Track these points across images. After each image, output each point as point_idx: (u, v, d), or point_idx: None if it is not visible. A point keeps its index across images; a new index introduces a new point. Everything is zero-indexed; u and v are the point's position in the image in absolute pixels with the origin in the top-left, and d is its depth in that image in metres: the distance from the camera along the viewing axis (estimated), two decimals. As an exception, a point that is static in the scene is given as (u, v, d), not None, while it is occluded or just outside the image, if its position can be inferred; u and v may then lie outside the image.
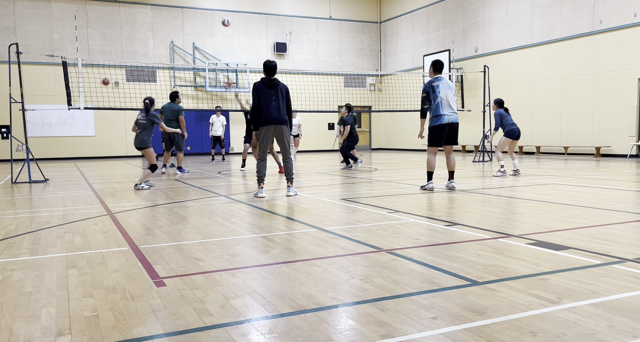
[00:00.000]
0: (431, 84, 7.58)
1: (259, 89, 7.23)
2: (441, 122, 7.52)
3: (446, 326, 2.35)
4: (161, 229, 4.97)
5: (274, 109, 7.24)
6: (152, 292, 2.95)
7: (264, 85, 7.25)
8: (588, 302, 2.63)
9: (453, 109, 7.60)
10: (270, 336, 2.29)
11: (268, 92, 7.23)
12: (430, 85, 7.59)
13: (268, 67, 7.34)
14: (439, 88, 7.53)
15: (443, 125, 7.54)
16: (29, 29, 19.64)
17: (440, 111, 7.51)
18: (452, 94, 7.63)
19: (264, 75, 7.38)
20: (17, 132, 16.89)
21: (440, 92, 7.52)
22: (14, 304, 2.80)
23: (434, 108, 7.56)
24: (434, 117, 7.58)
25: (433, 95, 7.55)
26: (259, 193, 7.28)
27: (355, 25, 25.29)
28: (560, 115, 17.15)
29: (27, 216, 6.01)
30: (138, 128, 8.92)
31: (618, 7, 15.31)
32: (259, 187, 7.34)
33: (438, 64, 7.73)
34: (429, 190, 7.68)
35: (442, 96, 7.53)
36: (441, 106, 7.51)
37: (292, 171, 7.52)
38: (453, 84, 7.75)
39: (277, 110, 7.25)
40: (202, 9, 22.22)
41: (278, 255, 3.81)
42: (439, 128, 7.57)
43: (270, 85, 7.27)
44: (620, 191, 7.43)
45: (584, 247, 3.83)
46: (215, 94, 22.63)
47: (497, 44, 19.44)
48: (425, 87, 7.63)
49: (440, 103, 7.51)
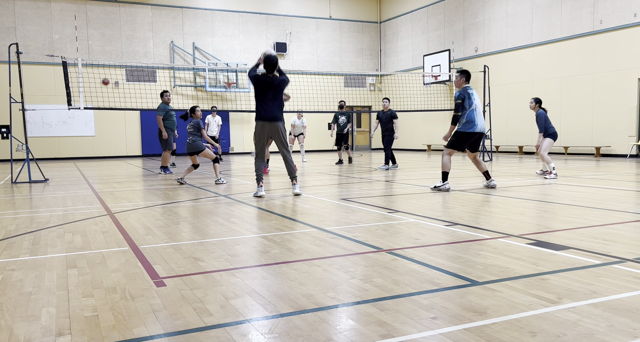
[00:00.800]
0: (467, 91, 7.61)
1: (256, 84, 7.22)
2: (474, 130, 7.54)
3: (446, 326, 2.35)
4: (161, 229, 4.97)
5: (269, 106, 7.20)
6: (152, 292, 2.95)
7: (261, 82, 7.20)
8: (588, 302, 2.63)
9: (483, 119, 7.70)
10: (270, 336, 2.29)
11: (265, 89, 7.19)
12: (466, 92, 7.60)
13: (267, 64, 7.19)
14: (474, 96, 7.60)
15: (475, 132, 7.57)
16: (29, 29, 19.63)
17: (474, 119, 7.53)
18: (481, 105, 7.66)
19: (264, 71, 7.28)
20: (17, 132, 16.89)
21: (475, 99, 7.59)
22: (14, 304, 2.80)
23: (468, 114, 7.55)
24: (468, 123, 7.55)
25: (468, 102, 7.56)
26: (258, 192, 7.25)
27: (355, 25, 25.29)
28: (560, 115, 17.15)
29: (27, 216, 6.01)
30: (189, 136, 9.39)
31: (618, 7, 15.31)
32: (258, 185, 7.31)
33: (468, 74, 7.79)
34: (445, 191, 7.63)
35: (477, 104, 7.58)
36: (476, 114, 7.55)
37: (294, 169, 7.46)
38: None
39: (271, 108, 7.21)
40: (202, 9, 22.22)
41: (278, 255, 3.81)
42: (470, 135, 7.58)
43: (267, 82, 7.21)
44: (620, 190, 7.43)
45: (584, 247, 3.83)
46: (215, 94, 22.63)
47: (497, 44, 19.44)
48: (460, 92, 7.61)
49: (475, 110, 7.55)
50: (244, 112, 21.80)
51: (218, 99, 22.69)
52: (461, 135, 7.60)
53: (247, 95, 23.04)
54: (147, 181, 10.39)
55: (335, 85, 24.06)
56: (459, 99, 7.57)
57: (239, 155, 21.39)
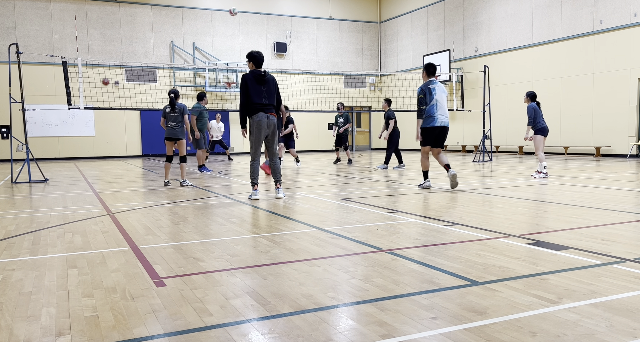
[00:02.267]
0: (427, 86, 7.73)
1: (249, 85, 6.83)
2: (434, 124, 7.70)
3: (446, 326, 2.35)
4: (161, 229, 4.97)
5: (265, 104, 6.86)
6: (152, 292, 2.95)
7: (254, 81, 6.85)
8: (588, 302, 2.63)
9: (445, 113, 7.76)
10: (270, 336, 2.29)
11: (258, 87, 6.84)
12: (427, 87, 7.73)
13: (257, 59, 6.88)
14: (435, 91, 7.70)
15: (435, 127, 7.71)
16: (29, 29, 19.63)
17: (434, 113, 7.68)
18: (445, 98, 7.80)
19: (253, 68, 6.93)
20: (17, 132, 16.89)
21: (436, 94, 7.68)
22: (14, 304, 2.80)
23: (428, 109, 7.71)
24: (428, 118, 7.72)
25: (429, 97, 7.69)
26: (253, 195, 6.99)
27: (355, 25, 25.29)
28: (560, 115, 17.15)
29: (27, 216, 6.01)
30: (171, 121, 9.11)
31: (618, 7, 15.31)
32: (253, 189, 7.02)
33: (431, 67, 7.87)
34: (426, 188, 7.85)
35: (438, 98, 7.69)
36: (436, 108, 7.68)
37: (279, 172, 7.21)
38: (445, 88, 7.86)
39: (268, 106, 6.89)
40: (202, 9, 22.22)
41: (278, 255, 3.81)
42: (431, 129, 7.74)
43: (260, 80, 6.86)
44: (620, 190, 7.43)
45: (584, 247, 3.83)
46: (215, 94, 22.63)
47: (497, 44, 19.44)
48: (422, 88, 7.74)
49: (435, 105, 7.68)
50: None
51: (218, 99, 22.69)
52: (425, 131, 7.79)
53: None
54: (147, 181, 10.39)
55: (335, 86, 24.06)
56: (420, 93, 7.72)
57: (239, 156, 21.39)
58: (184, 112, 9.19)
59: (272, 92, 6.98)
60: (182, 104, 9.25)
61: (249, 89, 6.84)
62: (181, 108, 9.17)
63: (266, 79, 6.92)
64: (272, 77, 7.01)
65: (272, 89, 6.98)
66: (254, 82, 6.87)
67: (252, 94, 6.84)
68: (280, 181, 7.25)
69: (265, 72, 6.92)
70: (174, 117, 9.16)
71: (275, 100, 7.01)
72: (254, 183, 7.05)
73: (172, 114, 9.17)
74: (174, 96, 9.21)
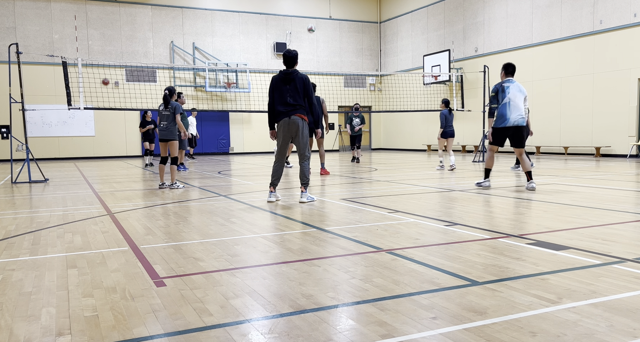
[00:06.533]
0: (502, 85, 7.59)
1: (274, 86, 6.75)
2: (505, 124, 7.52)
3: (446, 326, 2.35)
4: (161, 229, 4.97)
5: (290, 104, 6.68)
6: (152, 292, 2.95)
7: (279, 81, 6.73)
8: (588, 302, 2.63)
9: (520, 113, 7.53)
10: (270, 336, 2.29)
11: (284, 87, 6.69)
12: (500, 85, 7.59)
13: (285, 58, 6.78)
14: (509, 89, 7.52)
15: (508, 127, 7.54)
16: (29, 29, 19.64)
17: (506, 113, 7.51)
18: (521, 97, 7.56)
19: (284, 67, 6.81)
20: (17, 132, 16.89)
21: (510, 93, 7.51)
22: (14, 304, 2.80)
23: (500, 108, 7.56)
24: (499, 117, 7.58)
25: (501, 95, 7.54)
26: (269, 197, 6.87)
27: (355, 25, 25.29)
28: (560, 115, 17.15)
29: (27, 216, 6.01)
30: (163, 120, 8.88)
31: (618, 7, 15.32)
32: (270, 190, 6.87)
33: (510, 67, 7.72)
34: (485, 188, 7.76)
35: (511, 97, 7.49)
36: (508, 108, 7.50)
37: (307, 175, 6.80)
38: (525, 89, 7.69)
39: (292, 105, 6.68)
40: (202, 9, 22.22)
41: (278, 255, 3.81)
42: (503, 130, 7.59)
43: (286, 79, 6.71)
44: (620, 190, 7.43)
45: (584, 247, 3.83)
46: (215, 94, 22.63)
47: (497, 44, 19.44)
48: (495, 86, 7.63)
49: (507, 104, 7.50)
50: (243, 112, 21.81)
51: (218, 99, 22.70)
52: (495, 131, 7.68)
53: (246, 95, 23.04)
54: (147, 181, 10.39)
55: (335, 86, 24.05)
56: (492, 92, 7.63)
57: (239, 156, 21.39)
58: (176, 112, 8.89)
59: (299, 91, 6.70)
60: (175, 103, 8.94)
61: (274, 91, 6.75)
62: (173, 107, 8.89)
63: (292, 78, 6.71)
64: (301, 76, 6.74)
65: (300, 87, 6.70)
66: (280, 83, 6.73)
67: (276, 96, 6.73)
68: (305, 184, 6.83)
69: (293, 71, 6.73)
70: (165, 116, 8.87)
71: (302, 99, 6.73)
72: (273, 184, 6.88)
73: (164, 113, 8.89)
74: (169, 93, 8.89)
